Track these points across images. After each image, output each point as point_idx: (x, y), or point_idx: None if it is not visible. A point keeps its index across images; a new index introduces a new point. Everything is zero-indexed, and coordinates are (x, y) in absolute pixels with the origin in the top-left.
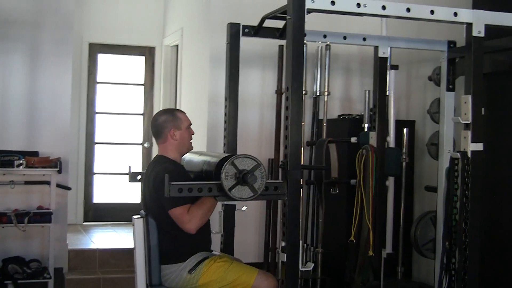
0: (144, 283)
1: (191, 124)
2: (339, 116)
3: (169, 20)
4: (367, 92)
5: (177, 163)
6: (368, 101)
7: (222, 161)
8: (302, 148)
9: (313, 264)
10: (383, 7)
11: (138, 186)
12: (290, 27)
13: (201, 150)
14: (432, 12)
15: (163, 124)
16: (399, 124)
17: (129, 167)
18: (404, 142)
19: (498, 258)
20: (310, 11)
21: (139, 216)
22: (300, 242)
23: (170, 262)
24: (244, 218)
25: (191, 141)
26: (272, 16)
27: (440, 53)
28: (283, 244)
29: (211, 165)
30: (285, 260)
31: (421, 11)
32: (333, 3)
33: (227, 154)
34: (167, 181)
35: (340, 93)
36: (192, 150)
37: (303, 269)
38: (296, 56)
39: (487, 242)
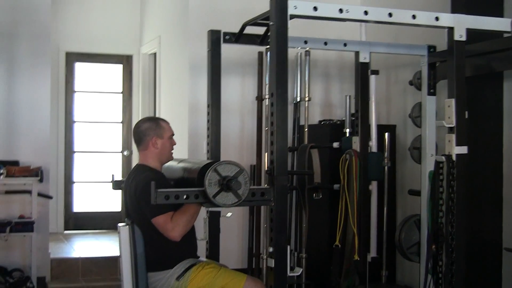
0: None
1: (173, 135)
2: (320, 121)
3: (146, 28)
4: (347, 97)
5: (158, 171)
6: (349, 106)
7: (205, 168)
8: None
9: (301, 269)
10: (365, 12)
11: (118, 194)
12: (273, 33)
13: (182, 157)
14: (414, 16)
15: (146, 131)
16: (381, 129)
17: (113, 175)
18: (386, 147)
19: (482, 261)
20: (293, 17)
21: (124, 224)
22: (288, 247)
23: (157, 270)
24: (227, 224)
25: (172, 151)
26: (253, 22)
27: (419, 58)
28: (270, 249)
29: (192, 172)
30: (273, 266)
31: (403, 16)
32: (315, 8)
33: (208, 161)
34: (153, 189)
35: (320, 98)
36: None
37: (292, 274)
38: (280, 62)
39: (471, 245)
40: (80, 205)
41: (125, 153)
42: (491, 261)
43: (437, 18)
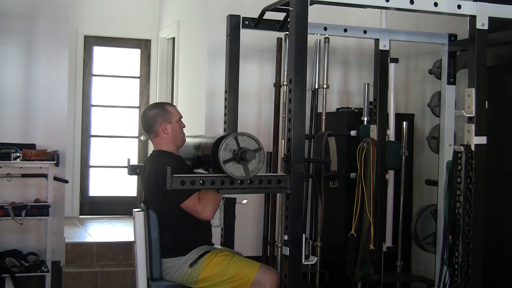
0: (144, 277)
1: (181, 117)
2: (338, 109)
3: (165, 12)
4: (366, 85)
5: (177, 156)
6: (367, 94)
7: (224, 137)
8: None
9: (316, 258)
10: None
11: (134, 179)
12: (293, 19)
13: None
14: (435, 4)
15: (154, 118)
16: (399, 118)
17: (128, 160)
18: (404, 136)
19: (499, 252)
20: (313, 2)
21: (139, 209)
22: (303, 235)
23: (171, 256)
24: (243, 212)
25: (183, 133)
26: (273, 8)
27: (440, 46)
28: (285, 237)
29: (211, 140)
30: (288, 254)
31: (425, 3)
32: None
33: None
34: (169, 174)
35: (338, 86)
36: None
37: (307, 263)
38: (299, 48)
39: (488, 236)
40: (96, 190)
41: (142, 138)
42: (509, 253)
43: (459, 6)
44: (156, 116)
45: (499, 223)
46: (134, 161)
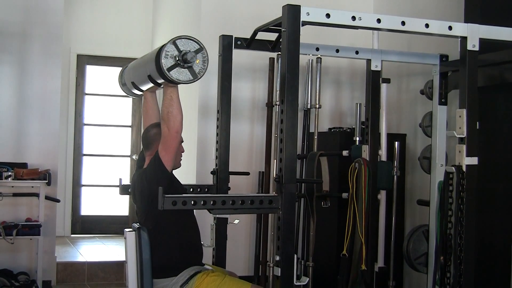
0: None
1: (182, 141)
2: (330, 129)
3: (158, 31)
4: (358, 105)
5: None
6: (359, 114)
7: (164, 44)
8: None
9: (308, 279)
10: (378, 20)
11: (125, 198)
12: (284, 40)
13: (190, 162)
14: (427, 25)
15: (154, 136)
16: (390, 138)
17: (120, 180)
18: (396, 156)
19: (491, 273)
20: (305, 23)
21: (131, 229)
22: (295, 256)
23: (162, 276)
24: (234, 232)
25: (181, 157)
26: (265, 28)
27: (431, 67)
28: (277, 258)
29: (153, 53)
30: (279, 275)
31: (416, 24)
32: (328, 15)
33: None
34: (160, 194)
35: (330, 106)
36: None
37: (298, 283)
38: (291, 68)
39: (480, 256)
40: (87, 209)
41: (134, 157)
42: (500, 274)
43: (450, 27)
44: (157, 135)
45: (490, 243)
46: (126, 181)
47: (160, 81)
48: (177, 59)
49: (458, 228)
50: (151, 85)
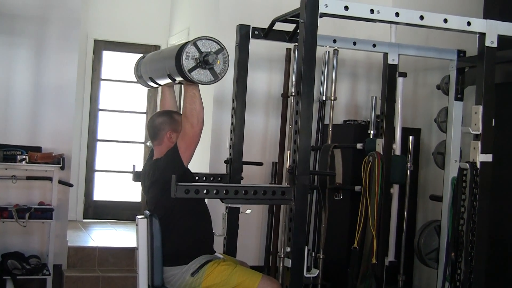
0: (146, 284)
1: None
2: (345, 121)
3: (176, 19)
4: (373, 98)
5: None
6: (374, 107)
7: (184, 45)
8: None
9: (318, 271)
10: (397, 14)
11: (138, 185)
12: (302, 31)
13: (203, 151)
14: (445, 20)
15: (160, 126)
16: (405, 132)
17: (134, 166)
18: (410, 150)
19: (503, 270)
20: (323, 15)
21: (143, 216)
22: (306, 248)
23: (173, 264)
24: (246, 221)
25: None
26: (283, 19)
27: (448, 62)
28: (288, 249)
29: (173, 53)
30: (290, 266)
31: (435, 19)
32: (346, 8)
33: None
34: (173, 182)
35: (346, 98)
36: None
37: (308, 275)
38: (308, 60)
39: (491, 254)
40: (100, 194)
41: (148, 144)
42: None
43: (469, 23)
44: (163, 124)
45: (502, 241)
46: (140, 167)
47: (180, 79)
48: (198, 60)
49: (470, 224)
50: (169, 81)
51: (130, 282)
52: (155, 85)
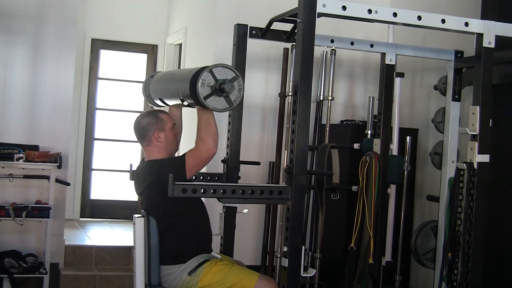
0: (143, 283)
1: (175, 124)
2: (342, 121)
3: (173, 18)
4: (371, 98)
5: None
6: (372, 107)
7: (199, 71)
8: None
9: (315, 271)
10: (394, 14)
11: None
12: (300, 31)
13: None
14: (443, 21)
15: (147, 127)
16: (402, 132)
17: (131, 165)
18: (407, 150)
19: (499, 271)
20: (321, 15)
21: (140, 215)
22: (303, 247)
23: (170, 263)
24: (243, 221)
25: (176, 142)
26: (280, 18)
27: (446, 62)
28: (285, 249)
29: (187, 75)
30: (286, 265)
31: (432, 19)
32: (344, 8)
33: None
34: (171, 182)
35: (343, 98)
36: (159, 75)
37: (305, 275)
38: (305, 60)
39: (488, 255)
40: (97, 193)
41: None
42: (508, 273)
43: (466, 24)
44: (149, 125)
45: (499, 241)
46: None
47: (191, 102)
48: (214, 88)
49: (467, 225)
50: (179, 102)
51: (127, 281)
52: (163, 105)
